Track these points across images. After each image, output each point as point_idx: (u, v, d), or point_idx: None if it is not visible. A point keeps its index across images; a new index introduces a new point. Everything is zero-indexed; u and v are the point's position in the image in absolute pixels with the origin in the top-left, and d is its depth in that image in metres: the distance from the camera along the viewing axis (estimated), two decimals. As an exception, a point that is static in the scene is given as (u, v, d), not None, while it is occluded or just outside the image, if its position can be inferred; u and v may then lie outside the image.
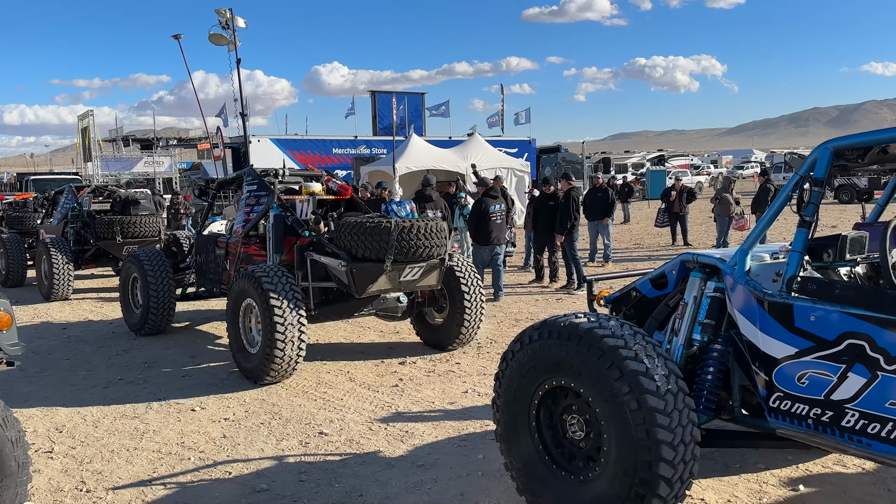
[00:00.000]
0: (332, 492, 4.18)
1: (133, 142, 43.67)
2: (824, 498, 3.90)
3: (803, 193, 3.19)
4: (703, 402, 3.47)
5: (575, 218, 11.09)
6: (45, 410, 5.90)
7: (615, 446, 3.19)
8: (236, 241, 7.83)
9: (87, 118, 34.86)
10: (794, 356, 3.13)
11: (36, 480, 4.36)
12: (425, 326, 7.67)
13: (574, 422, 3.47)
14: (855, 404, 2.95)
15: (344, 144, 26.18)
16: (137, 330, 8.56)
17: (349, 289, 6.56)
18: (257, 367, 6.29)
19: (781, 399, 3.22)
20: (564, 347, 3.37)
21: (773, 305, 3.20)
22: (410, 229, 6.45)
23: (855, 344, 2.92)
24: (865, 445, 2.94)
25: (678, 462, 3.08)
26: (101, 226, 11.68)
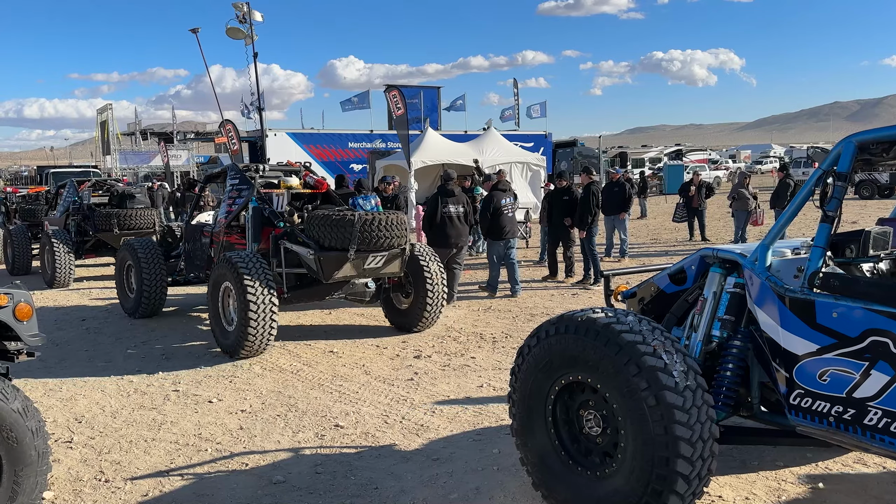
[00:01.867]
0: (347, 484, 4.19)
1: (151, 135, 44.01)
2: (844, 496, 3.86)
3: (826, 188, 3.14)
4: (721, 399, 3.44)
5: (595, 213, 11.02)
6: (64, 401, 5.96)
7: (632, 442, 3.17)
8: (219, 231, 8.50)
9: (106, 112, 35.16)
10: (816, 353, 3.09)
11: (55, 470, 4.41)
12: (393, 310, 8.29)
13: (591, 417, 3.45)
14: (878, 402, 2.90)
15: (360, 138, 26.21)
16: (132, 313, 9.17)
17: (317, 275, 7.20)
18: (234, 343, 6.95)
19: (802, 396, 3.18)
20: (581, 342, 3.35)
21: (795, 301, 3.16)
22: (373, 222, 7.13)
23: (878, 341, 2.86)
24: (888, 444, 2.91)
25: (696, 458, 3.06)
26: (100, 218, 12.34)
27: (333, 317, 9.13)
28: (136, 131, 44.16)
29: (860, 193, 26.78)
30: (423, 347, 7.40)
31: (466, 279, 11.27)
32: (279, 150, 23.31)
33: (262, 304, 6.71)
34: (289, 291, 7.49)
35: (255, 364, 6.93)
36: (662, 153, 44.87)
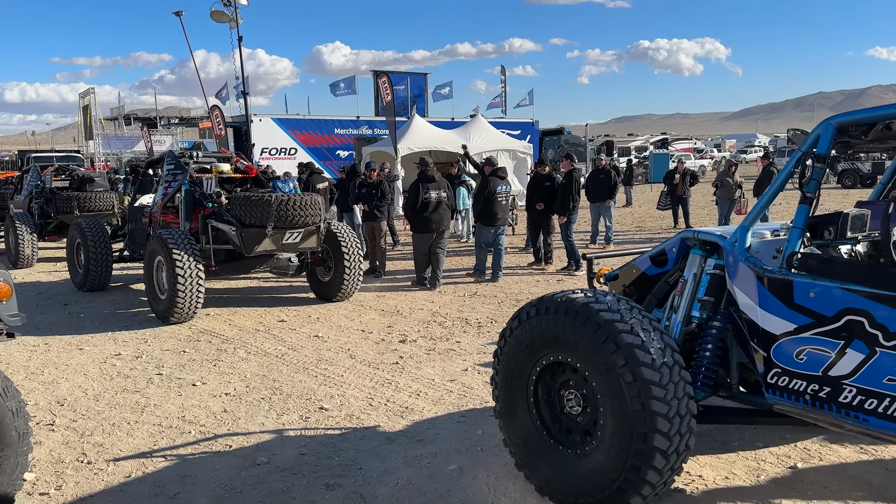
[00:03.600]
0: (331, 465, 4.20)
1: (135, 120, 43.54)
2: (822, 476, 3.92)
3: (805, 170, 3.18)
4: (700, 379, 3.49)
5: (575, 200, 11.04)
6: (46, 384, 5.92)
7: (611, 419, 3.22)
8: (157, 212, 9.42)
9: (89, 96, 34.70)
10: (793, 332, 3.14)
11: (37, 452, 4.38)
12: (316, 283, 9.31)
13: (571, 397, 3.51)
14: (853, 380, 2.96)
15: (346, 125, 26.04)
16: (80, 286, 9.96)
17: (240, 249, 8.20)
18: (165, 309, 7.86)
19: (779, 375, 3.22)
20: (561, 323, 3.40)
21: (773, 282, 3.20)
22: (288, 202, 8.08)
23: (854, 320, 2.92)
24: (862, 421, 2.96)
25: (674, 434, 3.11)
26: (61, 201, 12.87)
27: (318, 302, 9.11)
28: (120, 116, 43.68)
29: (843, 183, 27.01)
30: (409, 332, 7.41)
31: (452, 265, 11.28)
32: (264, 135, 23.14)
33: (189, 275, 7.61)
34: (217, 265, 8.51)
35: (239, 348, 6.91)
36: (648, 142, 44.99)
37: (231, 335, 7.46)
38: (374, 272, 10.92)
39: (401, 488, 3.88)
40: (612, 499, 3.23)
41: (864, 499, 3.65)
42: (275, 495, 3.85)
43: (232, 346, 6.99)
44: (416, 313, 8.25)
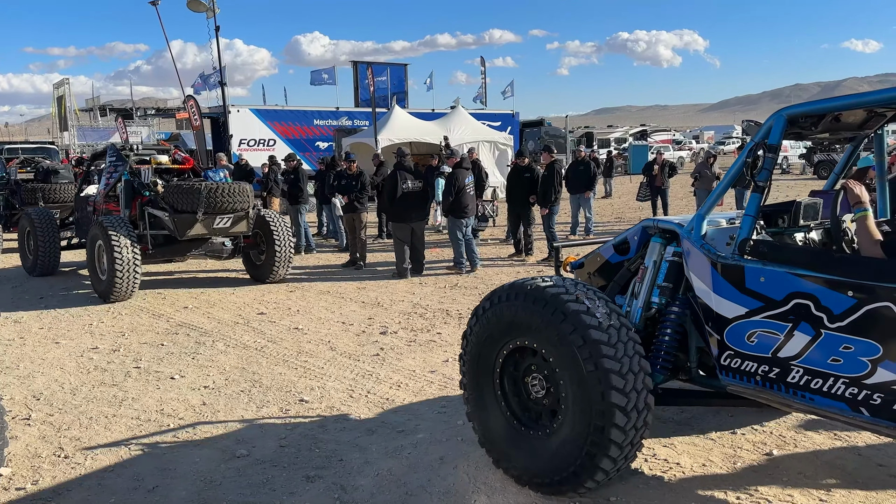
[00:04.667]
0: (312, 457, 4.19)
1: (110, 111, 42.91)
2: (797, 462, 3.98)
3: (757, 159, 3.25)
4: (660, 363, 3.61)
5: (557, 191, 11.07)
6: (21, 378, 5.84)
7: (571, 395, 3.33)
8: (100, 201, 10.05)
9: (63, 87, 34.15)
10: (744, 316, 3.23)
11: (13, 447, 4.33)
12: (251, 265, 10.10)
13: (536, 381, 3.62)
14: (800, 361, 3.06)
15: (325, 116, 25.88)
16: (30, 271, 10.62)
17: (174, 233, 8.91)
18: (105, 289, 8.56)
19: (732, 357, 3.33)
20: (523, 306, 3.51)
21: (726, 267, 3.30)
22: (217, 189, 8.87)
23: (801, 304, 3.02)
24: (808, 400, 3.08)
25: (630, 409, 3.23)
26: (26, 192, 13.05)
27: (298, 295, 9.08)
28: (95, 107, 43.02)
29: (819, 174, 27.33)
30: (390, 324, 7.40)
31: (432, 257, 11.28)
32: (242, 126, 22.93)
33: (126, 258, 8.31)
34: (155, 249, 9.22)
35: (218, 341, 6.87)
36: (628, 133, 45.21)
37: (210, 328, 7.41)
38: (354, 264, 10.89)
39: (381, 479, 3.89)
40: (584, 466, 3.32)
41: (838, 484, 3.71)
42: (255, 487, 3.84)
43: (211, 339, 6.94)
44: (396, 305, 8.24)
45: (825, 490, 3.65)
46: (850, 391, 2.92)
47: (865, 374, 2.85)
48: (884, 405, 2.82)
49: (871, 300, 2.78)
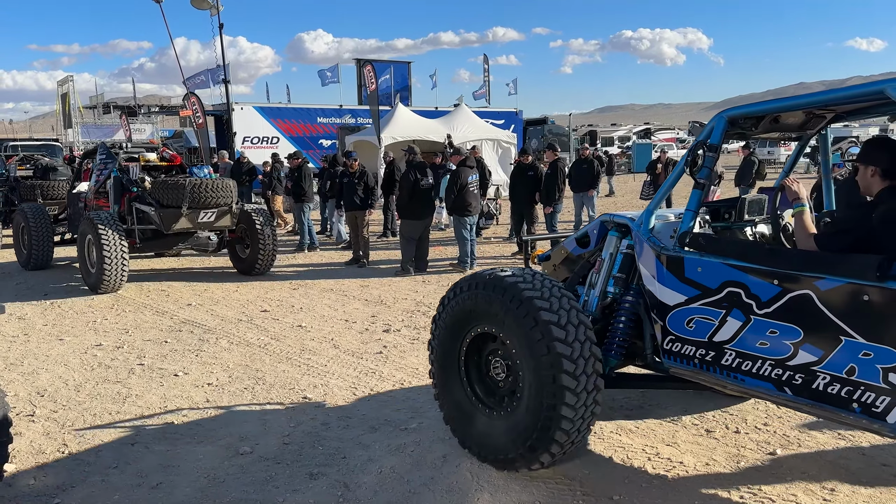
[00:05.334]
0: (315, 454, 4.20)
1: (114, 108, 42.97)
2: (801, 461, 3.98)
3: (697, 158, 3.49)
4: (614, 348, 3.83)
5: (560, 190, 11.05)
6: (26, 374, 5.86)
7: (527, 372, 3.56)
8: (90, 197, 10.37)
9: (67, 84, 34.18)
10: (684, 303, 3.47)
11: (17, 443, 4.33)
12: (236, 259, 10.51)
13: (497, 364, 3.85)
14: (732, 345, 3.28)
15: (329, 113, 25.87)
16: (24, 265, 10.96)
17: (160, 227, 9.28)
18: (95, 281, 8.92)
19: (673, 342, 3.56)
20: (483, 294, 3.75)
21: (669, 259, 3.54)
22: (201, 185, 9.21)
23: (733, 291, 3.23)
24: (740, 381, 3.29)
25: (580, 374, 3.45)
26: (25, 189, 13.13)
27: (302, 292, 9.09)
28: (99, 105, 43.09)
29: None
30: (393, 322, 7.41)
31: (436, 255, 11.27)
32: (246, 124, 22.93)
33: (114, 251, 8.68)
34: (143, 242, 9.62)
35: (221, 339, 6.88)
36: (631, 132, 45.15)
37: (213, 325, 7.42)
38: (357, 262, 10.89)
39: (384, 476, 3.89)
40: (539, 439, 3.54)
41: (842, 484, 3.70)
42: (258, 485, 3.85)
43: (214, 337, 6.95)
44: (399, 303, 8.25)
45: (829, 490, 3.64)
46: (775, 372, 3.13)
47: (788, 356, 3.06)
48: (804, 385, 3.03)
49: (793, 288, 2.99)
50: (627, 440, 4.29)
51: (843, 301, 2.85)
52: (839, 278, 2.84)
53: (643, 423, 4.56)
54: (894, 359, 2.72)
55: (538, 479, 3.81)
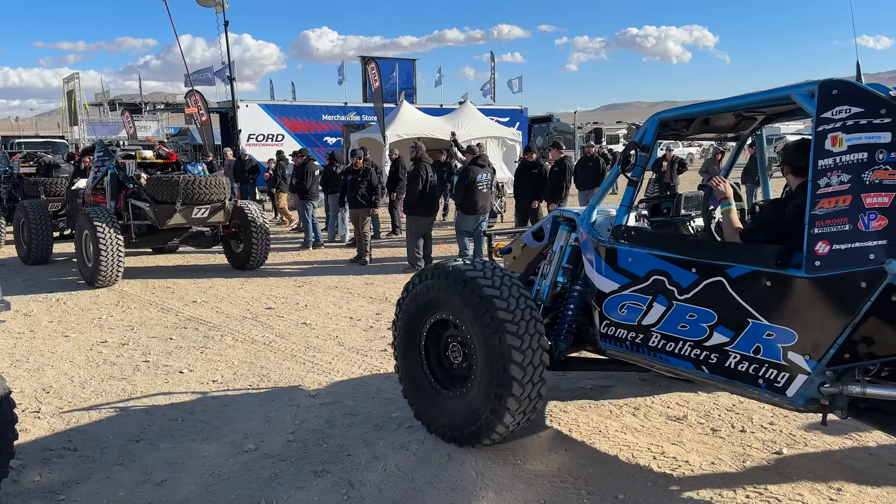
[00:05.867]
0: (319, 451, 4.20)
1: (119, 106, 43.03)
2: (807, 461, 3.96)
3: (630, 157, 3.80)
4: (563, 333, 4.13)
5: (566, 188, 11.03)
6: (31, 371, 5.87)
7: (481, 357, 3.82)
8: (88, 193, 10.73)
9: (73, 81, 34.20)
10: (617, 290, 3.78)
11: (23, 439, 4.33)
12: (231, 254, 10.76)
13: (454, 349, 4.14)
14: (658, 328, 3.58)
15: (334, 111, 25.85)
16: (25, 260, 11.24)
17: (155, 222, 9.56)
18: (92, 275, 9.14)
19: (609, 326, 3.88)
20: (443, 284, 4.02)
21: (605, 250, 3.86)
22: (194, 182, 9.52)
23: (658, 279, 3.54)
24: (665, 361, 3.58)
25: (527, 365, 3.72)
26: (28, 186, 13.29)
27: (306, 290, 9.10)
28: (104, 102, 43.13)
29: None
30: (397, 319, 7.39)
31: (440, 252, 11.26)
32: (251, 121, 22.92)
33: (110, 246, 8.90)
34: (139, 237, 9.89)
35: (226, 336, 6.89)
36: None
37: (218, 322, 7.43)
38: (360, 259, 10.89)
39: (389, 474, 3.89)
40: (488, 420, 3.82)
41: (848, 484, 3.68)
42: (262, 482, 3.85)
43: (219, 334, 6.96)
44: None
45: (835, 489, 3.62)
46: (694, 352, 3.42)
47: (705, 337, 3.36)
48: (718, 363, 3.32)
49: (708, 276, 3.30)
50: (633, 439, 4.28)
51: (750, 287, 3.13)
52: (746, 266, 3.14)
53: (648, 421, 4.55)
54: (793, 338, 3.01)
55: (543, 477, 3.81)
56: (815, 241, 2.87)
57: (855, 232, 2.76)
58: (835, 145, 2.90)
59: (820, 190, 2.89)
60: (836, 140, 2.90)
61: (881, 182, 2.75)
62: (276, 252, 12.51)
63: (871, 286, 2.72)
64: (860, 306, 2.76)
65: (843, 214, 2.81)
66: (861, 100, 2.86)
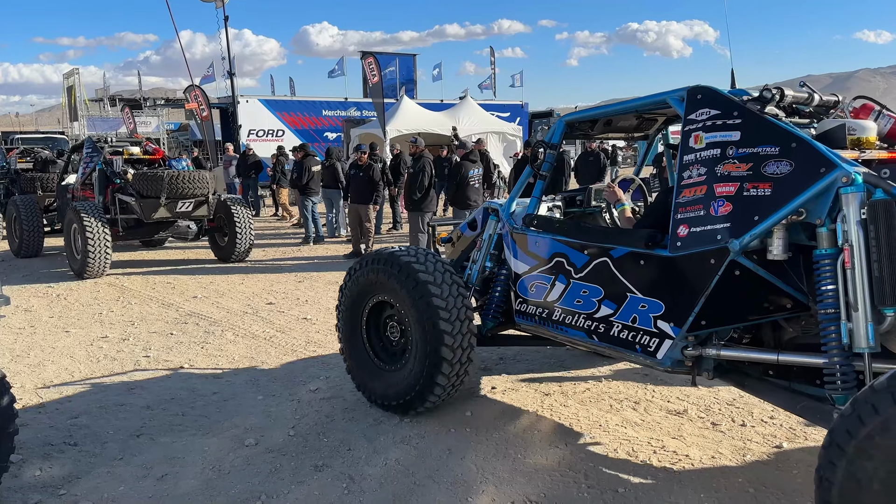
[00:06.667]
0: (320, 446, 4.20)
1: (120, 101, 42.99)
2: (807, 455, 3.95)
3: (539, 155, 4.26)
4: (491, 313, 4.58)
5: (565, 182, 11.03)
6: (32, 367, 5.88)
7: (416, 337, 4.25)
8: (77, 188, 10.99)
9: (73, 76, 34.15)
10: (528, 272, 4.28)
11: (24, 434, 4.33)
12: (216, 246, 11.08)
13: (394, 327, 4.56)
14: (559, 303, 4.06)
15: (334, 106, 25.81)
16: (17, 254, 11.57)
17: (141, 216, 9.98)
18: (80, 267, 9.41)
19: (522, 303, 4.38)
20: (382, 269, 4.42)
21: (518, 236, 4.35)
22: (178, 176, 9.95)
23: (559, 261, 4.03)
24: (564, 332, 4.08)
25: (456, 347, 4.15)
26: (25, 182, 13.43)
27: (307, 285, 9.10)
28: (104, 97, 43.10)
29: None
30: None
31: (441, 247, 11.27)
32: (251, 117, 22.90)
33: (98, 239, 9.20)
34: (125, 231, 10.27)
35: (227, 331, 6.89)
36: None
37: (218, 317, 7.43)
38: (358, 255, 10.89)
39: (389, 468, 3.89)
40: (420, 392, 4.25)
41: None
42: (263, 476, 3.85)
43: (220, 329, 6.96)
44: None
45: (836, 483, 3.61)
46: (586, 324, 3.91)
47: (594, 310, 3.84)
48: (605, 332, 3.81)
49: (596, 257, 3.79)
50: (633, 433, 4.29)
51: (627, 265, 3.63)
52: (624, 247, 3.65)
53: (648, 416, 4.55)
54: (661, 309, 3.48)
55: (544, 471, 3.81)
56: (677, 225, 3.32)
57: (707, 217, 3.20)
58: (696, 143, 3.32)
59: (683, 182, 3.33)
60: (698, 138, 3.31)
61: (730, 174, 3.16)
62: (276, 247, 12.52)
63: (718, 262, 3.16)
64: (711, 280, 3.20)
65: (699, 202, 3.24)
66: (719, 103, 3.31)
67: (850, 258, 2.83)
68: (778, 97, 3.27)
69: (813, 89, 3.55)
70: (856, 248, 2.81)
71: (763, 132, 3.13)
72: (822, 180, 2.90)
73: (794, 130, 3.11)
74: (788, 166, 3.01)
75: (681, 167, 3.34)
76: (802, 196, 2.94)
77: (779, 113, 3.28)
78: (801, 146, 3.02)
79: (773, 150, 3.07)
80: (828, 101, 3.62)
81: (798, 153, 3.01)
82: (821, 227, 2.92)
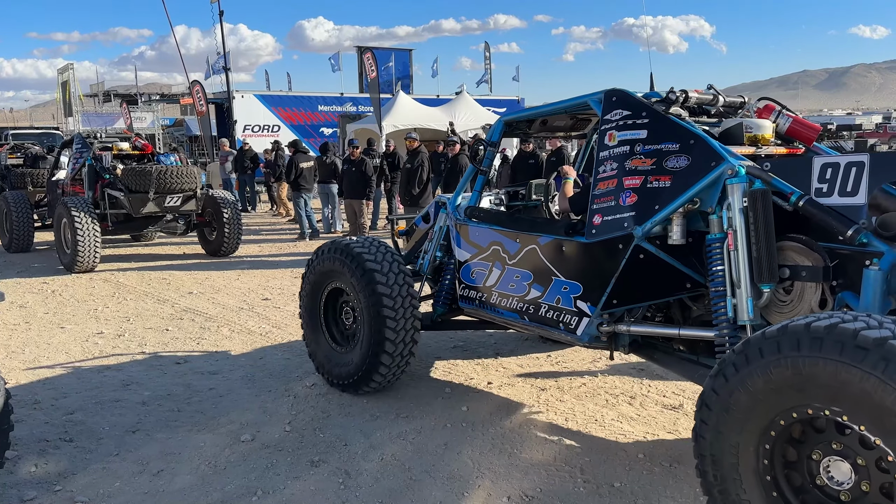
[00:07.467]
0: (316, 441, 4.20)
1: (115, 97, 42.84)
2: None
3: (479, 151, 4.69)
4: (441, 300, 4.92)
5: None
6: (27, 363, 5.86)
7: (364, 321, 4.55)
8: (67, 183, 11.06)
9: (67, 72, 34.04)
10: (469, 259, 4.60)
11: (19, 430, 4.32)
12: (205, 241, 11.19)
13: (347, 312, 4.88)
14: (496, 288, 4.38)
15: (330, 101, 25.80)
16: (7, 248, 11.67)
17: (130, 211, 10.08)
18: (70, 261, 9.59)
19: (465, 289, 4.68)
20: (336, 258, 4.73)
21: (460, 227, 4.67)
22: (166, 172, 10.08)
23: (495, 248, 4.36)
24: (500, 314, 4.39)
25: (399, 329, 4.48)
26: (15, 177, 13.43)
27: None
28: (99, 93, 42.96)
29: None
30: (394, 309, 7.39)
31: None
32: (247, 112, 22.88)
33: (87, 233, 9.36)
34: (115, 225, 10.41)
35: (223, 327, 6.88)
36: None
37: (214, 313, 7.42)
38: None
39: (386, 464, 3.89)
40: (367, 372, 4.58)
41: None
42: (259, 472, 3.85)
43: (215, 325, 6.95)
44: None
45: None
46: (518, 305, 4.23)
47: (525, 293, 4.16)
48: (534, 313, 4.12)
49: (526, 244, 4.12)
50: (629, 428, 4.29)
51: (552, 251, 3.96)
52: (549, 235, 3.98)
53: (644, 410, 4.56)
54: (580, 290, 3.82)
55: (539, 465, 3.82)
56: (593, 214, 3.67)
57: (617, 207, 3.54)
58: (610, 140, 3.66)
59: (598, 175, 3.68)
60: (612, 136, 3.65)
61: (636, 168, 3.49)
62: (272, 243, 12.50)
63: (625, 247, 3.50)
64: (619, 263, 3.54)
65: (611, 194, 3.58)
66: (630, 105, 3.64)
67: (734, 241, 3.16)
68: (682, 99, 3.58)
69: (718, 91, 3.87)
70: (739, 232, 3.15)
71: (666, 130, 3.46)
72: (711, 172, 3.23)
73: (693, 128, 3.42)
74: (686, 161, 3.34)
75: (597, 163, 3.70)
76: (696, 187, 3.27)
77: (682, 113, 3.60)
78: (698, 143, 3.34)
79: (675, 146, 3.40)
80: (733, 101, 3.95)
81: (694, 149, 3.34)
82: (712, 214, 3.26)
